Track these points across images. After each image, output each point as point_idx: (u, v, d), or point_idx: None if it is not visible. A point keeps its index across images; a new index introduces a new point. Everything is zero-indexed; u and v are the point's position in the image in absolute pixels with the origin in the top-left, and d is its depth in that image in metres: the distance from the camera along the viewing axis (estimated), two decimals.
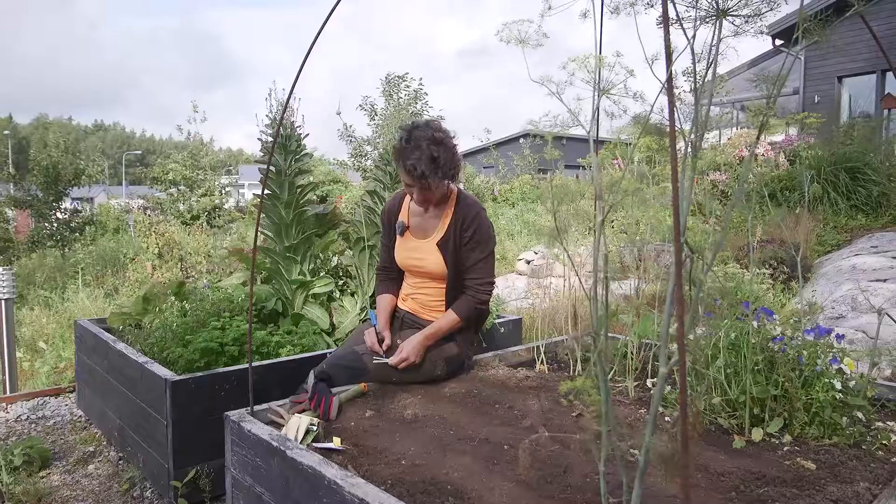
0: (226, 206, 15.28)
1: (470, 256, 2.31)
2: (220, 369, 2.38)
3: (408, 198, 2.46)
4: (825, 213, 8.07)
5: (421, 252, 2.35)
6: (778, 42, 14.96)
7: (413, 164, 2.15)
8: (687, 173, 1.09)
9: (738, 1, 1.03)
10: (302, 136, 3.14)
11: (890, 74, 13.15)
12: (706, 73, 1.09)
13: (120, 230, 12.83)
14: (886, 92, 12.25)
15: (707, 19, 1.05)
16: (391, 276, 2.51)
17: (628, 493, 1.06)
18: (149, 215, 15.86)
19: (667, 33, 0.97)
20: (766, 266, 5.89)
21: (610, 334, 2.89)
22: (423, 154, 2.15)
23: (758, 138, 1.05)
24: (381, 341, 2.29)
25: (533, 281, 7.11)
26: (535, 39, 1.21)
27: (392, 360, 2.21)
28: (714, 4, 1.05)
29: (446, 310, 2.35)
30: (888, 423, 1.83)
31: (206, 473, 2.29)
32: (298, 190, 3.08)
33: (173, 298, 2.92)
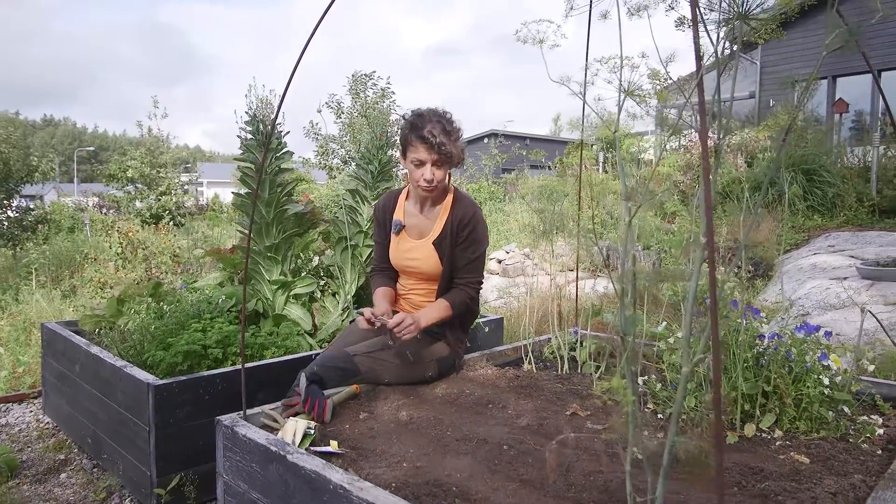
0: (187, 205, 14.94)
1: (463, 255, 2.30)
2: (205, 372, 2.31)
3: (402, 196, 2.44)
4: (783, 213, 8.35)
5: (416, 252, 2.33)
6: (734, 48, 15.39)
7: (430, 131, 2.17)
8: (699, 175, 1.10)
9: (760, 3, 1.05)
10: (283, 133, 3.08)
11: (840, 80, 13.67)
12: (722, 74, 1.11)
13: (75, 229, 12.38)
14: (838, 97, 12.72)
15: (728, 21, 1.06)
16: (389, 276, 2.47)
17: (652, 491, 1.07)
18: (105, 213, 15.39)
19: (696, 34, 0.98)
20: (730, 265, 6.05)
21: (593, 333, 2.92)
22: (436, 126, 2.19)
23: (784, 139, 1.07)
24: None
25: (506, 280, 7.15)
26: (553, 40, 1.21)
27: (391, 322, 2.14)
28: (734, 7, 1.06)
29: None
30: (872, 416, 1.89)
31: (191, 480, 2.22)
32: (279, 188, 3.02)
33: (150, 300, 2.82)
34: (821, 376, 1.84)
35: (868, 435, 1.82)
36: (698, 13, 1.11)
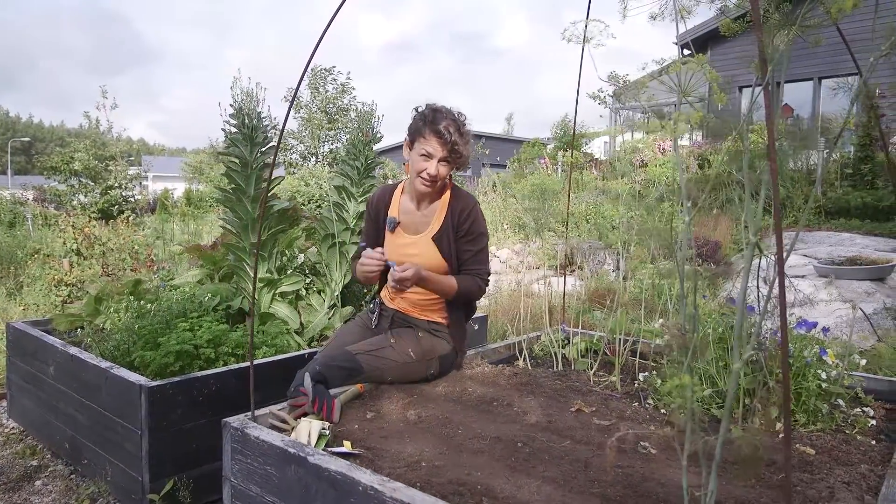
0: (136, 198, 14.43)
1: (467, 249, 2.30)
2: (199, 373, 2.23)
3: (398, 192, 2.41)
4: (735, 213, 8.67)
5: (415, 247, 2.31)
6: (686, 52, 15.95)
7: (447, 127, 2.18)
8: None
9: (808, 11, 1.09)
10: (269, 127, 3.01)
11: (785, 86, 14.26)
12: (765, 79, 1.14)
13: (16, 224, 11.78)
14: (784, 102, 13.28)
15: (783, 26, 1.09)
16: None
17: (705, 486, 1.09)
18: (45, 208, 14.67)
19: (759, 35, 1.01)
20: (694, 263, 6.24)
21: (583, 331, 2.96)
22: (452, 124, 2.21)
23: (836, 141, 1.10)
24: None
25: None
26: (598, 40, 1.22)
27: (398, 270, 2.15)
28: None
29: (442, 307, 2.33)
30: (865, 409, 1.98)
31: (185, 484, 2.15)
32: (264, 184, 2.95)
33: (131, 298, 2.71)
34: (819, 371, 1.92)
35: (861, 427, 1.91)
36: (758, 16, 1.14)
